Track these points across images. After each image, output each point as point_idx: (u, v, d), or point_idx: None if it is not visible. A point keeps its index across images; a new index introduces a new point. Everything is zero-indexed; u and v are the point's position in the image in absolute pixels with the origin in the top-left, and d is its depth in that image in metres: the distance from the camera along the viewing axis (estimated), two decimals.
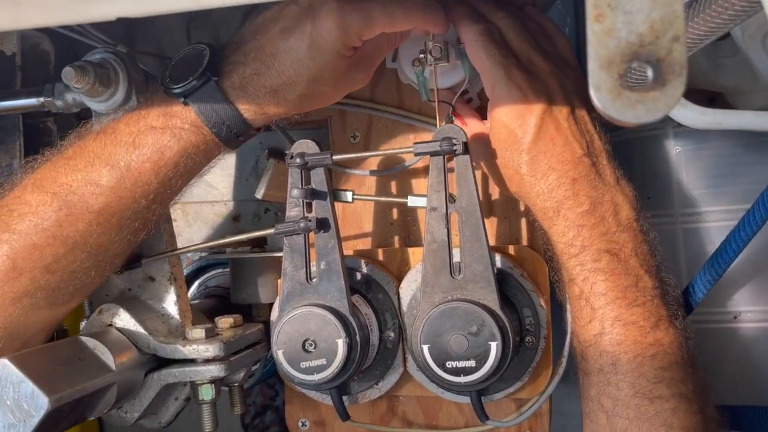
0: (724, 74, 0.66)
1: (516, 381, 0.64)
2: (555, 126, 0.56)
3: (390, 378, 0.67)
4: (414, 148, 0.58)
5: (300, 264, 0.60)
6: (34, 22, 0.38)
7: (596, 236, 0.55)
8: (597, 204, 0.56)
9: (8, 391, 0.50)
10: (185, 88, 0.55)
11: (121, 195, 0.57)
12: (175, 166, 0.57)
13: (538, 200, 0.57)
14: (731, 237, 0.59)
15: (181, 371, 0.61)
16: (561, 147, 0.56)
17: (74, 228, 0.56)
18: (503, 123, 0.57)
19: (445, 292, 0.58)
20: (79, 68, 0.58)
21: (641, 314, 0.54)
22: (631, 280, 0.55)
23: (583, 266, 0.56)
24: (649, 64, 0.30)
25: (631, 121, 0.31)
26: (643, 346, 0.54)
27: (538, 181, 0.57)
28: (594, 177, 0.56)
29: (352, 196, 0.66)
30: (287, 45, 0.55)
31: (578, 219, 0.56)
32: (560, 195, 0.56)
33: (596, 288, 0.55)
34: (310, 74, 0.56)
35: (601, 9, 0.31)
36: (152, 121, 0.56)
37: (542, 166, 0.56)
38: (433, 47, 0.60)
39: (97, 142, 0.57)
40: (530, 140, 0.56)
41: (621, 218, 0.56)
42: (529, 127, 0.56)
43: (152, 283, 0.65)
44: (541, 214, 0.58)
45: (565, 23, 0.94)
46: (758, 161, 0.68)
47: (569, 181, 0.56)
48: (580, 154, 0.56)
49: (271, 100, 0.56)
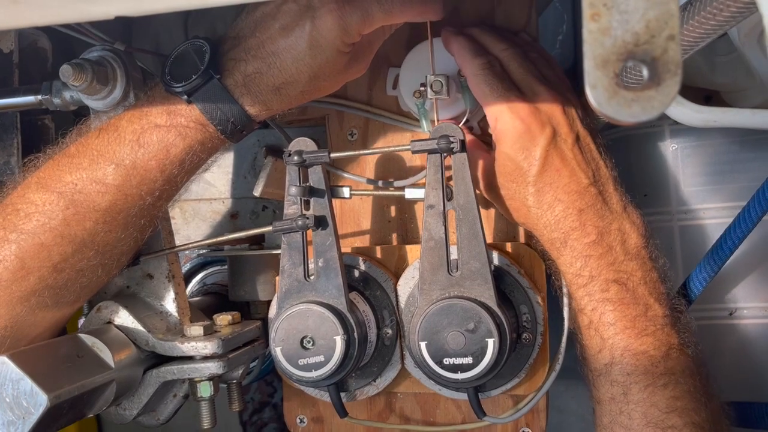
0: (720, 72, 0.66)
1: (513, 378, 0.64)
2: (560, 157, 0.56)
3: (388, 375, 0.67)
4: (411, 146, 0.58)
5: (298, 261, 0.60)
6: (33, 20, 0.38)
7: (604, 266, 0.55)
8: (604, 233, 0.56)
9: (7, 389, 0.50)
10: (188, 87, 0.55)
11: (127, 193, 0.57)
12: (181, 163, 0.57)
13: (545, 231, 0.57)
14: (728, 232, 0.60)
15: (180, 368, 0.61)
16: (567, 178, 0.56)
17: (82, 226, 0.56)
18: (508, 156, 0.57)
19: (443, 290, 0.58)
20: (77, 66, 0.58)
21: (651, 343, 0.54)
22: (640, 309, 0.54)
23: (592, 296, 0.56)
24: (645, 63, 0.30)
25: (627, 120, 0.31)
26: (654, 376, 0.53)
27: (544, 212, 0.57)
28: (601, 206, 0.56)
29: (349, 191, 0.66)
30: (288, 43, 0.55)
31: (585, 249, 0.56)
32: (567, 226, 0.56)
33: (605, 318, 0.55)
34: (311, 71, 0.56)
35: (597, 8, 0.31)
36: (156, 118, 0.56)
37: (548, 197, 0.57)
38: (433, 81, 0.60)
39: (100, 140, 0.57)
40: (536, 173, 0.56)
41: (629, 247, 0.56)
42: (534, 159, 0.56)
43: (151, 281, 0.65)
44: (548, 244, 0.58)
45: (562, 21, 0.94)
46: (754, 158, 0.69)
47: (576, 212, 0.56)
48: (586, 184, 0.56)
49: (274, 96, 0.57)
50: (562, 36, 0.95)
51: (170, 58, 0.58)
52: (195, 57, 0.56)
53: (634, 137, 0.74)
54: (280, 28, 0.55)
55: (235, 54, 0.56)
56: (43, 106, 0.68)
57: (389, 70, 0.69)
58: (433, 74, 0.60)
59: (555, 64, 0.63)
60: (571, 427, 1.05)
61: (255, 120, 0.58)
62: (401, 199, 0.71)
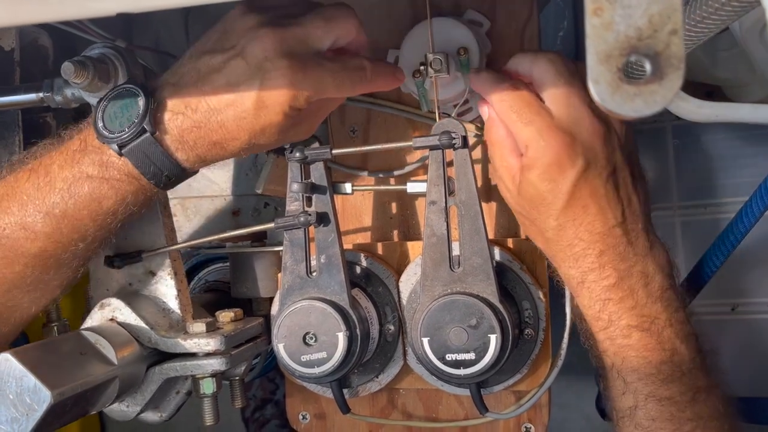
0: (722, 67, 0.66)
1: (515, 373, 0.64)
2: (590, 192, 0.52)
3: (390, 371, 0.67)
4: (413, 142, 0.58)
5: (300, 258, 0.61)
6: (34, 17, 0.38)
7: (624, 311, 0.52)
8: (625, 277, 0.52)
9: (11, 386, 0.50)
10: (121, 140, 0.53)
11: (57, 240, 0.56)
12: (114, 213, 0.56)
13: (563, 265, 0.55)
14: (728, 229, 0.60)
15: (183, 365, 0.61)
16: (593, 216, 0.52)
17: (10, 269, 0.56)
18: (533, 185, 0.53)
19: (445, 286, 0.58)
20: (79, 63, 0.58)
21: (677, 389, 0.52)
22: (666, 354, 0.52)
23: (613, 341, 0.53)
24: (648, 58, 0.30)
25: (630, 114, 0.31)
26: (680, 422, 0.52)
27: (563, 248, 0.54)
28: (624, 248, 0.53)
29: (351, 187, 0.66)
30: (232, 100, 0.52)
31: (603, 293, 0.53)
32: (585, 266, 0.53)
33: (627, 363, 0.53)
34: (253, 131, 0.53)
35: (600, 3, 0.31)
36: (87, 168, 0.54)
37: (569, 234, 0.53)
38: (433, 60, 0.59)
39: (30, 184, 0.56)
40: (560, 207, 0.52)
41: (652, 289, 0.53)
42: (561, 193, 0.52)
43: (153, 278, 0.65)
44: (566, 278, 0.56)
45: (563, 17, 0.94)
46: (756, 154, 0.69)
47: (596, 253, 0.53)
48: (612, 224, 0.52)
49: (211, 150, 0.54)
50: (563, 32, 0.95)
51: (106, 102, 0.55)
52: (129, 104, 0.54)
53: (636, 133, 0.74)
54: (226, 84, 0.52)
55: (173, 105, 0.53)
56: (44, 104, 0.68)
57: (389, 51, 0.68)
58: (432, 52, 0.60)
59: None
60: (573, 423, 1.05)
61: (190, 170, 0.56)
62: (403, 196, 0.71)
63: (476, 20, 0.66)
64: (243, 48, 0.52)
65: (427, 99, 0.64)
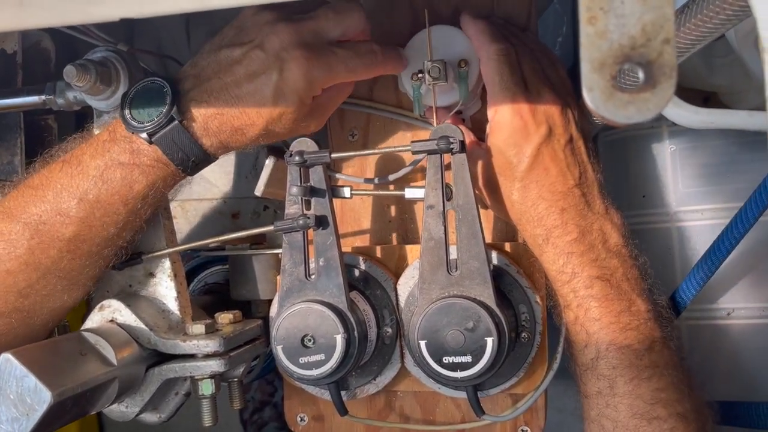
0: (717, 74, 0.67)
1: (512, 376, 0.65)
2: (551, 156, 0.57)
3: (387, 373, 0.68)
4: (411, 146, 0.59)
5: (299, 261, 0.61)
6: (38, 22, 0.39)
7: (586, 263, 0.57)
8: (585, 232, 0.57)
9: (11, 386, 0.51)
10: (150, 129, 0.56)
11: (91, 224, 0.58)
12: (144, 197, 0.59)
13: (528, 226, 0.59)
14: (724, 235, 0.60)
15: (182, 366, 0.61)
16: (554, 177, 0.57)
17: (46, 254, 0.58)
18: (499, 149, 0.58)
19: (442, 289, 0.58)
20: (81, 67, 0.59)
21: (635, 337, 0.55)
22: (624, 304, 0.56)
23: (576, 293, 0.57)
24: (641, 66, 0.31)
25: (623, 121, 0.31)
26: (638, 369, 0.55)
27: (528, 208, 0.58)
28: (583, 207, 0.57)
29: (350, 191, 0.66)
30: (253, 88, 0.56)
31: (567, 247, 0.57)
32: (549, 223, 0.57)
33: (590, 314, 0.56)
34: (271, 118, 0.57)
35: (594, 12, 0.32)
36: (119, 156, 0.57)
37: (533, 194, 0.58)
38: (431, 67, 0.61)
39: (63, 174, 0.58)
40: (524, 169, 0.58)
41: (610, 245, 0.57)
42: (524, 156, 0.57)
43: (153, 279, 0.66)
44: (531, 240, 0.60)
45: (562, 22, 0.94)
46: (751, 160, 0.69)
47: (558, 210, 0.57)
48: (572, 185, 0.57)
49: (233, 136, 0.58)
50: (562, 38, 0.95)
51: (130, 96, 0.58)
52: (155, 96, 0.57)
53: (632, 139, 0.75)
54: (246, 74, 0.56)
55: (196, 95, 0.57)
56: (46, 107, 0.69)
57: None
58: (430, 60, 0.61)
59: (559, 66, 0.64)
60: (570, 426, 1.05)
61: (215, 156, 0.60)
62: (401, 200, 0.71)
63: None
64: (261, 41, 0.56)
65: (421, 103, 0.65)
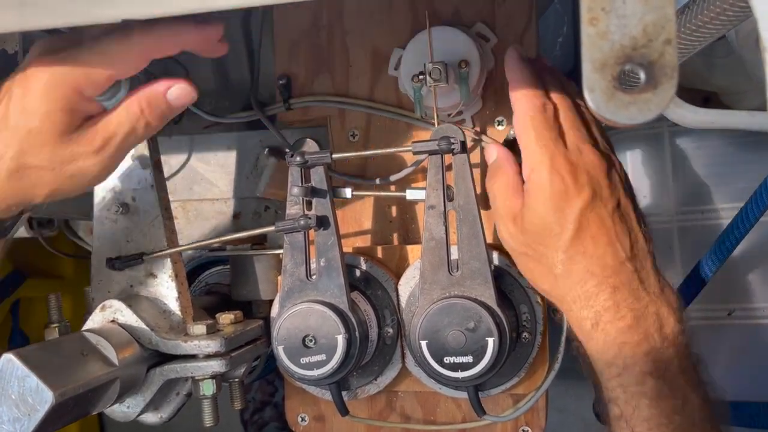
0: (718, 74, 0.67)
1: (513, 377, 0.65)
2: (598, 223, 0.51)
3: (389, 373, 0.68)
4: (412, 147, 0.59)
5: (300, 261, 0.61)
6: (40, 23, 0.39)
7: (640, 356, 0.50)
8: (640, 318, 0.50)
9: (13, 386, 0.51)
10: None
11: None
12: None
13: (574, 307, 0.52)
14: (724, 235, 0.60)
15: (183, 367, 0.61)
16: (603, 248, 0.51)
17: None
18: (538, 214, 0.52)
19: (443, 289, 0.58)
20: None
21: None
22: (678, 403, 0.50)
23: (625, 389, 0.51)
24: (642, 67, 0.31)
25: (624, 122, 0.31)
26: None
27: (573, 285, 0.51)
28: (637, 286, 0.51)
29: (351, 192, 0.66)
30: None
31: (619, 336, 0.50)
32: (599, 305, 0.51)
33: (639, 413, 0.50)
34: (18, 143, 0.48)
35: (595, 12, 0.32)
36: None
37: (580, 268, 0.51)
38: (432, 69, 0.59)
39: None
40: (569, 237, 0.51)
41: (666, 333, 0.50)
42: (568, 222, 0.51)
43: (154, 280, 0.66)
44: (576, 323, 0.53)
45: (563, 23, 0.95)
46: (752, 160, 0.69)
47: (610, 290, 0.50)
48: (623, 258, 0.51)
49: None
50: (563, 38, 0.95)
51: None
52: None
53: (633, 139, 0.75)
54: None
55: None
56: None
57: (394, 50, 0.69)
58: (431, 61, 0.60)
59: (601, 126, 0.58)
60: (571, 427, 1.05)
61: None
62: (402, 200, 0.71)
63: (484, 35, 0.67)
64: None
65: (422, 104, 0.65)
